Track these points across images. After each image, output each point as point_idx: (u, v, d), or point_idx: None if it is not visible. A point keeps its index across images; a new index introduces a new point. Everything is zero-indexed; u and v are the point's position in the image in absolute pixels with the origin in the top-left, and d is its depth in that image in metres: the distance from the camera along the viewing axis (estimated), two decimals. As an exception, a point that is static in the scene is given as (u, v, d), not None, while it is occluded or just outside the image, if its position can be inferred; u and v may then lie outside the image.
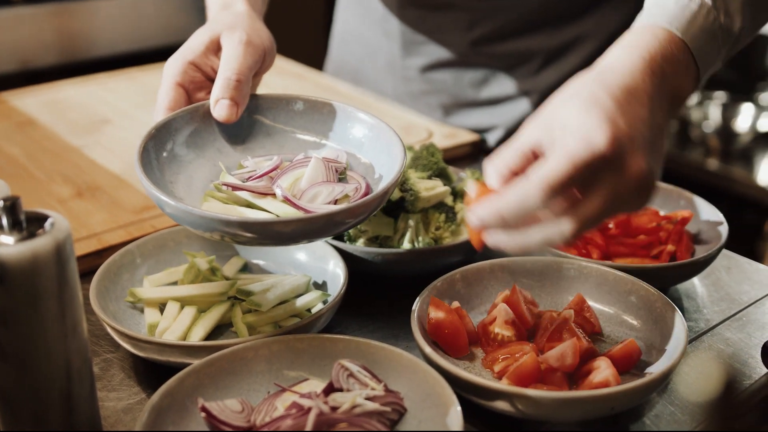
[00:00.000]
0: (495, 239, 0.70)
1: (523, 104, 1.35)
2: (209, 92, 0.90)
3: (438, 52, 1.37)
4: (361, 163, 0.90)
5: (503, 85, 1.35)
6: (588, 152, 0.65)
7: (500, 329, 0.81)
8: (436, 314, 0.80)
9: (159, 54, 1.48)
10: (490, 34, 1.31)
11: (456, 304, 0.84)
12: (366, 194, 0.84)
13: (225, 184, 0.85)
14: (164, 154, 0.85)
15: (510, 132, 1.37)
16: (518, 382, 0.74)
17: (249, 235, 0.74)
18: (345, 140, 0.92)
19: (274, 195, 0.83)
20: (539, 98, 1.33)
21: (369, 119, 0.90)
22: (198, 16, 2.47)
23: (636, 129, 0.67)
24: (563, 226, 0.67)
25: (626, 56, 0.73)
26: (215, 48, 0.90)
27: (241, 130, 0.92)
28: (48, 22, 2.26)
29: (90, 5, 2.32)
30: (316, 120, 0.93)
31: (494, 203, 0.67)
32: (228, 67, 0.87)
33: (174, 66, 0.89)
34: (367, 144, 0.90)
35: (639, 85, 0.70)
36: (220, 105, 0.87)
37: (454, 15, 1.31)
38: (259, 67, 0.91)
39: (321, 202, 0.83)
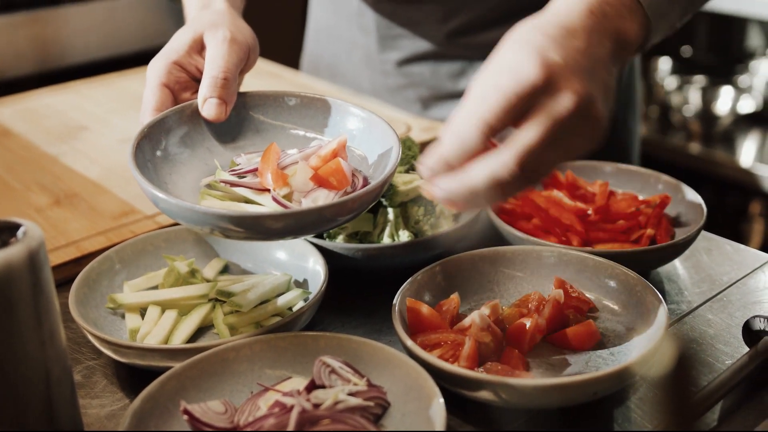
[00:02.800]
0: (444, 187, 0.70)
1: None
2: (195, 92, 0.90)
3: (414, 45, 1.36)
4: (355, 155, 0.89)
5: (480, 76, 1.34)
6: (516, 82, 0.66)
7: (479, 337, 0.80)
8: (415, 310, 0.80)
9: (134, 59, 1.48)
10: (465, 26, 1.30)
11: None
12: (362, 188, 0.83)
13: (223, 181, 0.84)
14: (158, 154, 0.85)
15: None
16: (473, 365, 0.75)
17: (240, 229, 0.74)
18: (337, 134, 0.91)
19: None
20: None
21: (361, 113, 0.90)
22: (171, 20, 2.46)
23: (570, 58, 0.68)
24: (504, 157, 0.66)
25: (565, 1, 0.74)
26: (198, 47, 0.90)
27: (230, 128, 0.91)
28: (21, 31, 2.24)
29: (63, 13, 2.30)
30: (306, 115, 0.93)
31: (437, 149, 0.69)
32: (214, 66, 0.87)
33: (158, 67, 0.88)
34: (359, 136, 0.90)
35: (575, 23, 0.71)
36: (208, 104, 0.86)
37: (428, 7, 1.30)
38: (244, 64, 0.90)
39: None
